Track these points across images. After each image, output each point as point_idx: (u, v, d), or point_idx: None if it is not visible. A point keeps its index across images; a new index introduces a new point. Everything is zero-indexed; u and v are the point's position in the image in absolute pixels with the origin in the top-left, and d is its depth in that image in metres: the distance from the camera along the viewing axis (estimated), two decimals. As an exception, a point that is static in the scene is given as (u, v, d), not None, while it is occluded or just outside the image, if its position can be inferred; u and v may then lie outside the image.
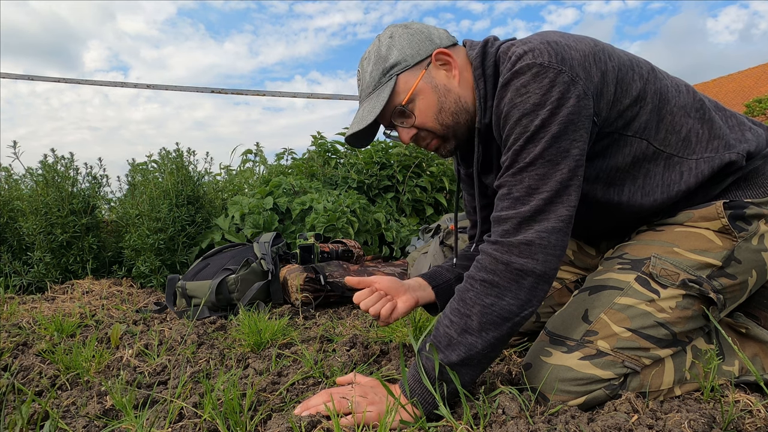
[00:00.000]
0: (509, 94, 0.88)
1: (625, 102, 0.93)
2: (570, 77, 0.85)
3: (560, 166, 0.85)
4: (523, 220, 0.86)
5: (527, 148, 0.86)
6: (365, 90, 1.03)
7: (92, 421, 0.92)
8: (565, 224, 0.86)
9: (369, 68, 1.02)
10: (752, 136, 1.02)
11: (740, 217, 0.96)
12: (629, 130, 0.95)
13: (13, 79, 4.54)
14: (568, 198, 0.86)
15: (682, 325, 0.92)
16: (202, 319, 1.74)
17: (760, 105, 12.70)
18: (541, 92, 0.85)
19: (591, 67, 0.89)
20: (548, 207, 0.85)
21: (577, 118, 0.85)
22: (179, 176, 2.60)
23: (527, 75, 0.86)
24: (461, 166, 1.20)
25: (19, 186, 2.89)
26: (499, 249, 0.87)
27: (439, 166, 3.43)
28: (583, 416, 0.83)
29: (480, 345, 0.85)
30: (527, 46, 0.88)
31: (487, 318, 0.85)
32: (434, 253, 1.99)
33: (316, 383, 1.06)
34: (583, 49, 0.90)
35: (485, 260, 0.88)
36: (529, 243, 0.84)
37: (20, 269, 2.51)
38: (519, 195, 0.87)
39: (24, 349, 1.40)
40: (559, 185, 0.85)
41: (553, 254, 0.85)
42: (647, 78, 0.96)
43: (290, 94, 4.80)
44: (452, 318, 0.88)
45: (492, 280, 0.86)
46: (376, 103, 0.99)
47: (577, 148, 0.86)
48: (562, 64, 0.85)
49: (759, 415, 0.81)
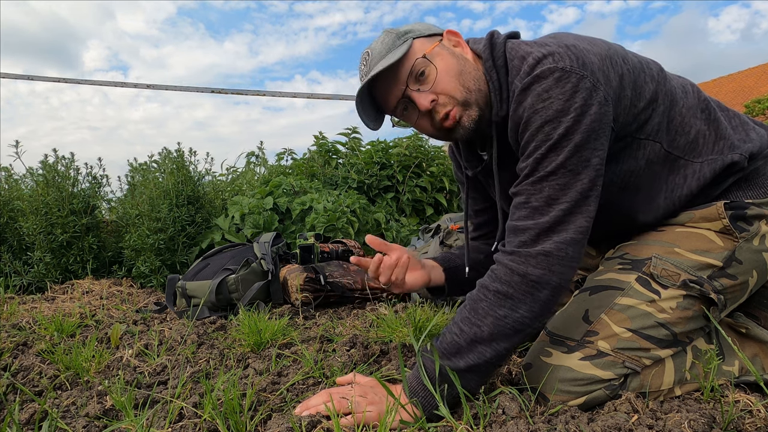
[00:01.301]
0: (530, 99, 0.85)
1: (640, 105, 0.92)
2: (592, 83, 0.83)
3: (581, 176, 0.83)
4: (542, 231, 0.84)
5: (549, 157, 0.84)
6: (376, 56, 0.97)
7: (92, 421, 0.92)
8: (583, 236, 0.84)
9: (379, 42, 0.98)
10: (756, 135, 1.02)
11: (741, 217, 0.96)
12: (642, 133, 0.94)
13: (12, 78, 4.54)
14: (587, 209, 0.85)
15: (683, 326, 0.92)
16: (202, 319, 1.74)
17: (759, 105, 12.69)
18: (564, 98, 0.82)
19: (609, 71, 0.87)
20: (568, 218, 0.83)
21: (599, 126, 0.84)
22: (179, 176, 2.60)
23: (549, 80, 0.83)
24: (467, 168, 1.16)
25: (20, 186, 2.89)
26: (515, 260, 0.85)
27: (439, 166, 3.43)
28: (583, 416, 0.83)
29: (489, 354, 0.84)
30: (545, 49, 0.86)
31: (499, 330, 0.84)
32: (434, 253, 1.99)
33: (316, 383, 1.06)
34: (600, 52, 0.88)
35: (500, 271, 0.86)
36: (548, 254, 0.83)
37: (20, 269, 2.51)
38: (538, 205, 0.85)
39: (24, 349, 1.40)
40: (580, 195, 0.83)
41: (570, 266, 0.84)
42: (658, 79, 0.95)
43: (290, 94, 4.80)
44: (462, 327, 0.86)
45: (506, 291, 0.84)
46: (394, 55, 0.93)
47: (597, 157, 0.85)
48: (583, 69, 0.83)
49: (759, 415, 0.81)
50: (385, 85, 0.97)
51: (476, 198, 1.24)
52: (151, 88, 4.83)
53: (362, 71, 1.01)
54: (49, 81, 4.62)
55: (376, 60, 0.96)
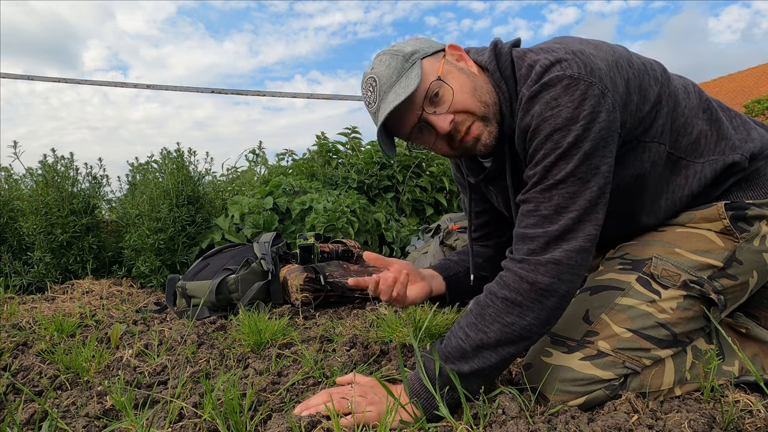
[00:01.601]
0: (538, 107, 0.85)
1: (645, 109, 0.92)
2: (600, 90, 0.82)
3: (590, 184, 0.83)
4: (551, 239, 0.84)
5: (558, 165, 0.84)
6: (386, 83, 0.92)
7: (92, 421, 0.92)
8: (591, 243, 0.85)
9: (384, 65, 0.93)
10: (757, 135, 1.02)
11: (742, 218, 0.96)
12: (647, 136, 0.94)
13: (12, 79, 4.54)
14: (596, 216, 0.85)
15: (683, 326, 0.92)
16: (202, 319, 1.74)
17: (759, 105, 12.69)
18: (572, 106, 0.82)
19: (616, 77, 0.87)
20: (577, 226, 0.83)
21: (608, 133, 0.84)
22: (180, 176, 2.60)
23: (558, 87, 0.83)
24: (470, 176, 1.14)
25: (19, 186, 2.89)
26: (524, 267, 0.85)
27: (439, 166, 3.43)
28: (583, 416, 0.83)
29: (494, 359, 0.85)
30: (552, 56, 0.85)
31: (506, 336, 0.84)
32: (434, 253, 1.99)
33: (316, 383, 1.06)
34: (606, 57, 0.88)
35: (509, 278, 0.86)
36: (557, 262, 0.83)
37: (20, 269, 2.50)
38: (547, 213, 0.85)
39: (24, 349, 1.40)
40: (589, 204, 0.83)
41: (578, 274, 0.84)
42: (662, 81, 0.95)
43: (290, 94, 4.80)
44: (468, 332, 0.86)
45: (515, 299, 0.84)
46: (408, 82, 0.89)
47: (606, 164, 0.85)
48: (592, 76, 0.82)
49: (759, 415, 0.81)
50: (399, 113, 0.92)
51: (476, 199, 1.24)
52: (152, 89, 4.83)
53: (369, 98, 0.96)
54: (49, 81, 4.62)
55: (387, 86, 0.92)
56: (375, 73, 0.95)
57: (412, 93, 0.89)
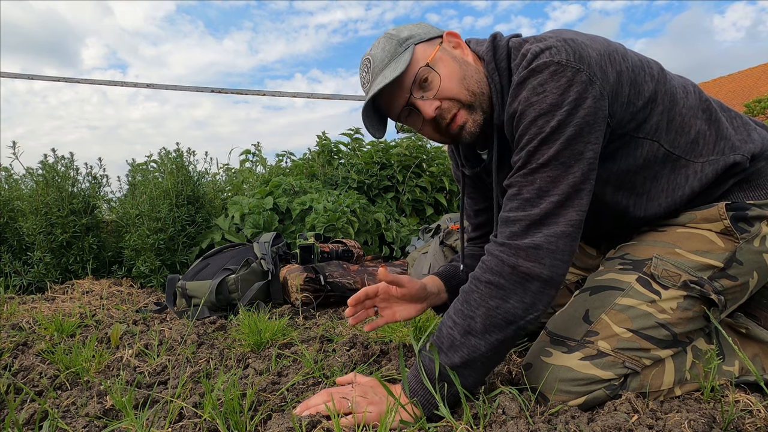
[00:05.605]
0: (525, 92, 0.86)
1: (638, 104, 0.92)
2: (588, 76, 0.83)
3: (573, 169, 0.84)
4: (532, 222, 0.84)
5: (541, 149, 0.84)
6: (378, 65, 0.95)
7: (92, 421, 0.92)
8: (574, 229, 0.84)
9: (379, 48, 0.96)
10: (758, 136, 1.02)
11: (742, 218, 0.96)
12: (641, 132, 0.94)
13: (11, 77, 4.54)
14: (579, 202, 0.85)
15: (683, 326, 0.92)
16: (202, 319, 1.74)
17: (759, 105, 12.69)
18: (558, 92, 0.83)
19: (607, 66, 0.87)
20: (558, 210, 0.84)
21: (593, 119, 0.84)
22: (179, 176, 2.60)
23: (544, 73, 0.84)
24: (465, 167, 1.16)
25: (19, 186, 2.89)
26: (505, 251, 0.85)
27: (439, 166, 3.44)
28: (583, 416, 0.83)
29: (483, 347, 0.84)
30: (543, 43, 0.86)
31: (492, 320, 0.84)
32: (434, 253, 1.99)
33: (316, 383, 1.06)
34: (599, 48, 0.89)
35: (491, 261, 0.87)
36: (537, 247, 0.83)
37: (20, 269, 2.51)
38: (529, 197, 0.85)
39: (24, 349, 1.40)
40: (571, 189, 0.84)
41: (561, 259, 0.84)
42: (658, 78, 0.95)
43: (290, 94, 4.80)
44: (456, 319, 0.87)
45: (497, 282, 0.85)
46: (397, 66, 0.92)
47: (591, 150, 0.85)
48: (580, 63, 0.83)
49: (759, 415, 0.81)
50: (388, 94, 0.96)
51: (476, 198, 1.24)
52: (151, 88, 4.83)
53: (364, 78, 1.00)
54: (48, 80, 4.62)
55: (378, 69, 0.95)
56: (371, 54, 0.98)
57: (399, 76, 0.91)
